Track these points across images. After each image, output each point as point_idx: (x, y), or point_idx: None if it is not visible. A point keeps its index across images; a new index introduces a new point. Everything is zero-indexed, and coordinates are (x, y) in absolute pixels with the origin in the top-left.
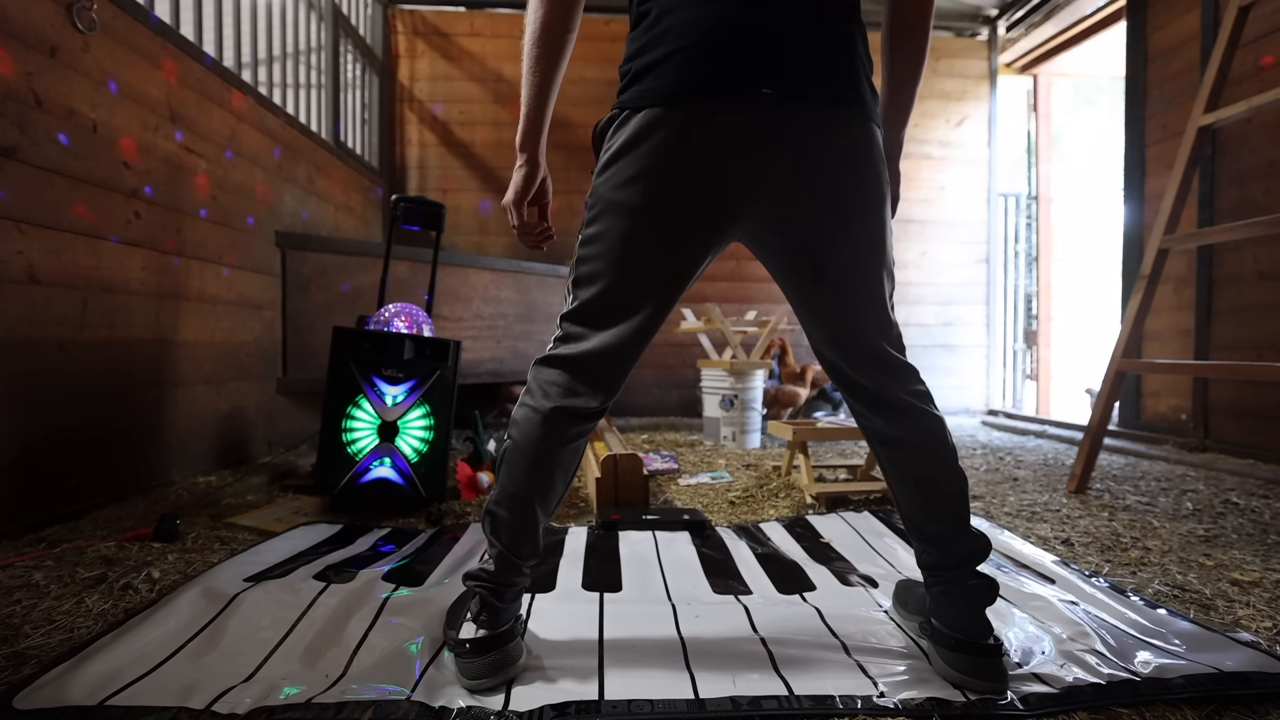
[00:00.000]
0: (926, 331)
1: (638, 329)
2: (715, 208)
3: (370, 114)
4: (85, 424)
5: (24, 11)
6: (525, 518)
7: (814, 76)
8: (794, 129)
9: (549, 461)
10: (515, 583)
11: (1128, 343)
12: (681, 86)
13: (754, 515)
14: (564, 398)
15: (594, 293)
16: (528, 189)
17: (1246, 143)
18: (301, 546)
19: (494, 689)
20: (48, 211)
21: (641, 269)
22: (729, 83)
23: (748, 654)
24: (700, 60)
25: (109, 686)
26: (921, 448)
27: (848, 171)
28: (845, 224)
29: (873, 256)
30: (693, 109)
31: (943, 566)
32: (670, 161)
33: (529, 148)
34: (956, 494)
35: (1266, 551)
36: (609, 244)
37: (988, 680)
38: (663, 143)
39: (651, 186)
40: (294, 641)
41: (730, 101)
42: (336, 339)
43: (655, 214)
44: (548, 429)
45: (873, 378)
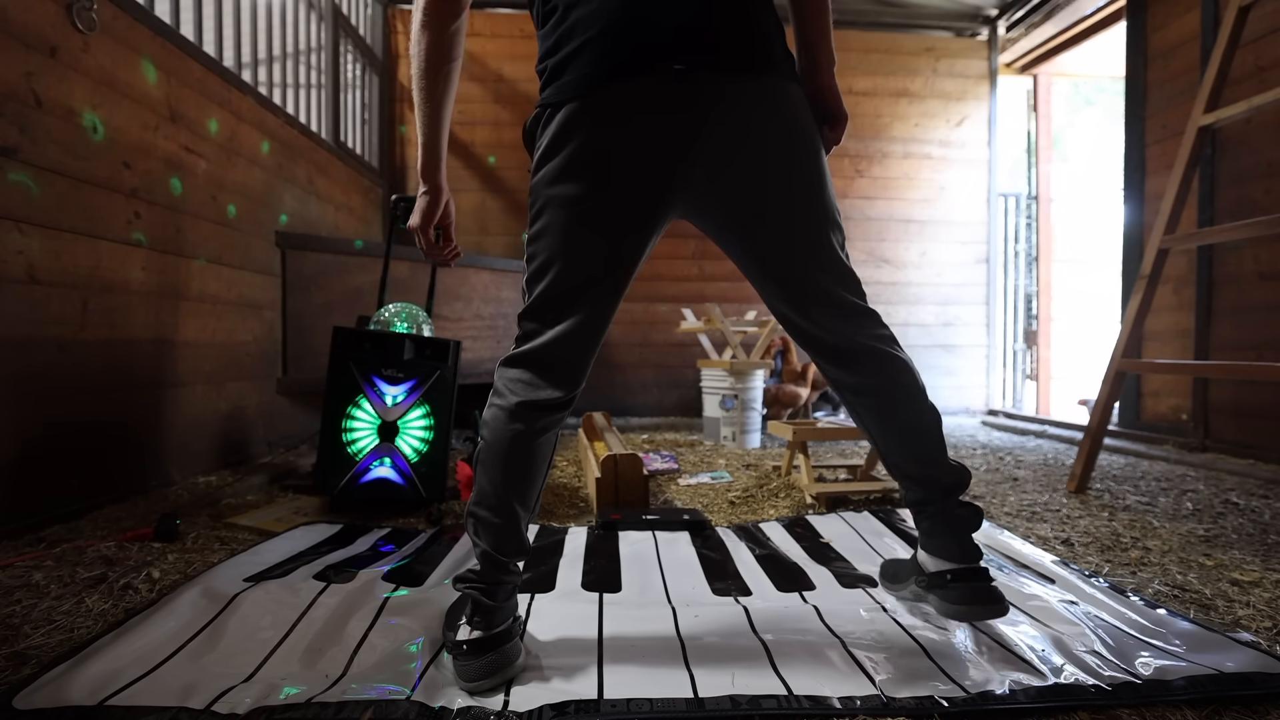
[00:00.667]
0: (926, 331)
1: (591, 318)
2: (648, 189)
3: (370, 114)
4: (85, 424)
5: (24, 11)
6: (505, 515)
7: (722, 47)
8: (711, 99)
9: (521, 456)
10: (505, 581)
11: (1128, 343)
12: (595, 77)
13: (754, 515)
14: (528, 392)
15: (544, 287)
16: (432, 214)
17: (1246, 143)
18: (301, 546)
19: (493, 690)
20: (48, 211)
21: (585, 259)
22: (640, 65)
23: (747, 654)
24: (610, 48)
25: (109, 686)
26: (891, 391)
27: (771, 131)
28: (778, 180)
29: (812, 206)
30: (609, 97)
31: (927, 500)
32: (596, 151)
33: (430, 176)
34: (931, 430)
35: (1266, 551)
36: (551, 239)
37: (985, 604)
38: (586, 135)
39: (582, 178)
40: (294, 641)
41: (644, 83)
42: (336, 339)
43: (591, 204)
44: (516, 424)
45: (830, 326)
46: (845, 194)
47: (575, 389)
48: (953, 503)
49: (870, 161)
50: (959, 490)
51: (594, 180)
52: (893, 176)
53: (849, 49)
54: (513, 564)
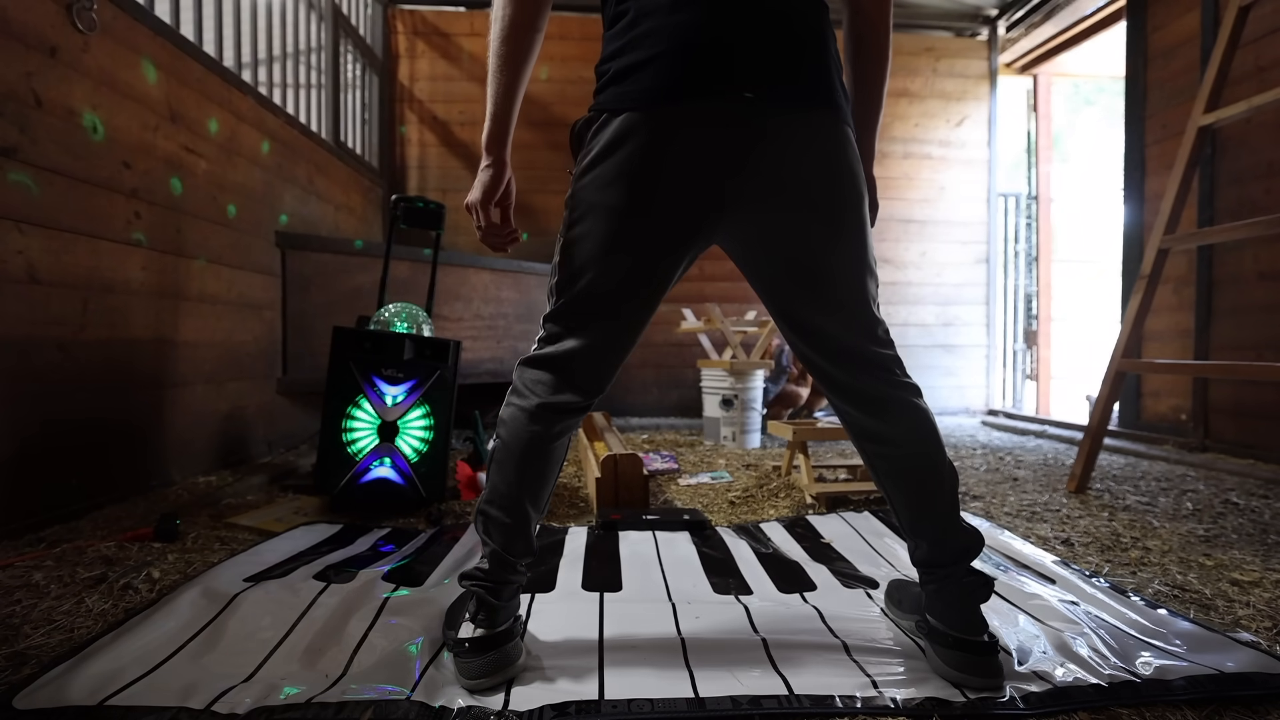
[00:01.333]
0: (926, 331)
1: (619, 330)
2: (696, 212)
3: (370, 114)
4: (85, 424)
5: (24, 11)
6: (517, 515)
7: (791, 80)
8: (774, 132)
9: (538, 458)
10: (511, 581)
11: (1128, 343)
12: (661, 91)
13: (754, 515)
14: (549, 395)
15: (574, 294)
16: (494, 190)
17: (1246, 143)
18: (301, 546)
19: (493, 689)
20: (48, 211)
21: (622, 272)
22: (709, 87)
23: (748, 653)
24: (680, 64)
25: (109, 686)
26: (909, 442)
27: (827, 174)
28: (826, 225)
29: (855, 258)
30: (673, 113)
31: (936, 563)
32: (651, 165)
33: (495, 149)
34: (946, 488)
35: (1266, 551)
36: (590, 246)
37: (984, 677)
38: (643, 147)
39: (632, 190)
40: (294, 641)
41: (711, 106)
42: (336, 339)
43: (636, 218)
44: (535, 426)
45: (856, 373)
46: None
47: (596, 395)
48: (962, 569)
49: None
50: (970, 557)
51: (642, 195)
52: (893, 176)
53: None
54: (520, 564)
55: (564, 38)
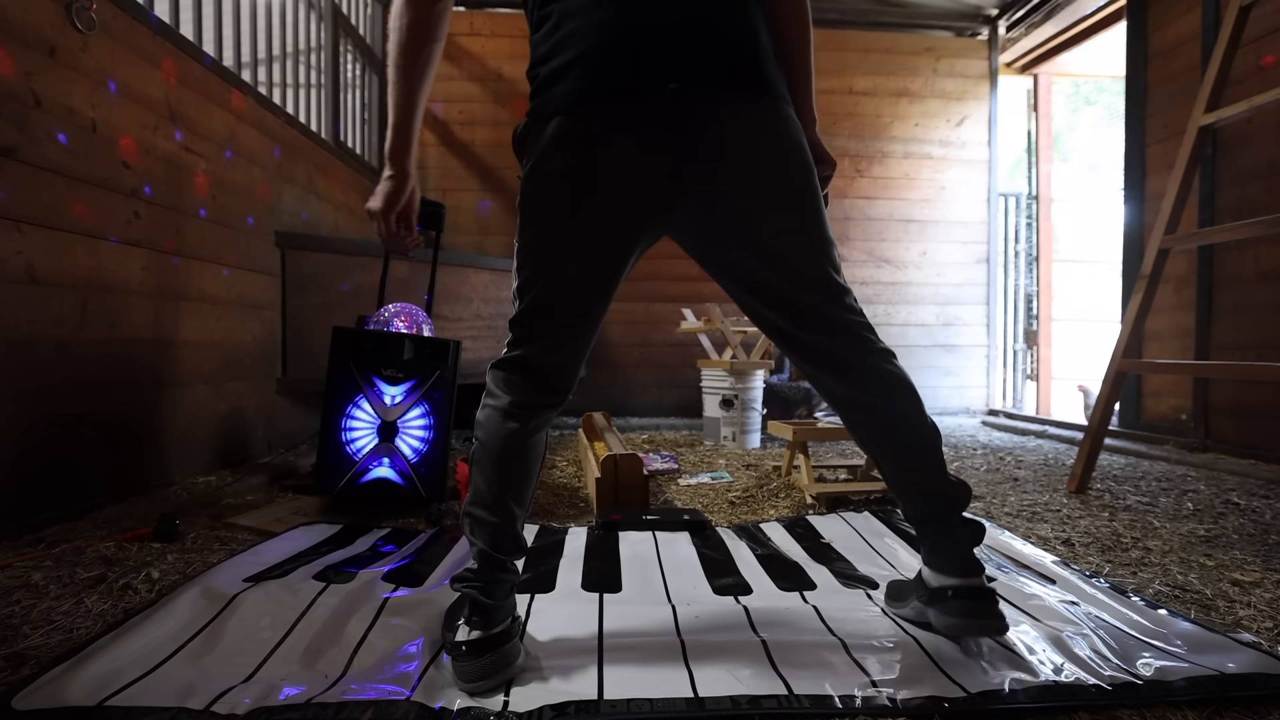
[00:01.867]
0: (926, 331)
1: (576, 329)
2: (636, 209)
3: (370, 114)
4: (85, 424)
5: (24, 11)
6: (501, 514)
7: (716, 65)
8: (704, 118)
9: (515, 455)
10: (502, 580)
11: (1128, 343)
12: (588, 92)
13: (754, 515)
14: (520, 393)
15: (531, 299)
16: (395, 200)
17: (1247, 142)
18: (301, 547)
19: (492, 690)
20: (47, 211)
21: (572, 273)
22: (634, 83)
23: (747, 653)
24: (604, 63)
25: (108, 687)
26: (889, 408)
27: (765, 152)
28: (775, 206)
29: (812, 232)
30: (601, 112)
31: (929, 518)
32: (586, 167)
33: (397, 160)
34: (930, 446)
35: (1267, 552)
36: (537, 252)
37: (986, 620)
38: (576, 150)
39: (572, 193)
40: (294, 642)
41: (638, 103)
42: (336, 339)
43: (578, 220)
44: (510, 423)
45: (829, 344)
46: (845, 194)
47: (565, 392)
48: (954, 520)
49: (870, 161)
50: (960, 507)
51: (580, 196)
52: (893, 176)
53: (849, 49)
54: (510, 562)
55: None
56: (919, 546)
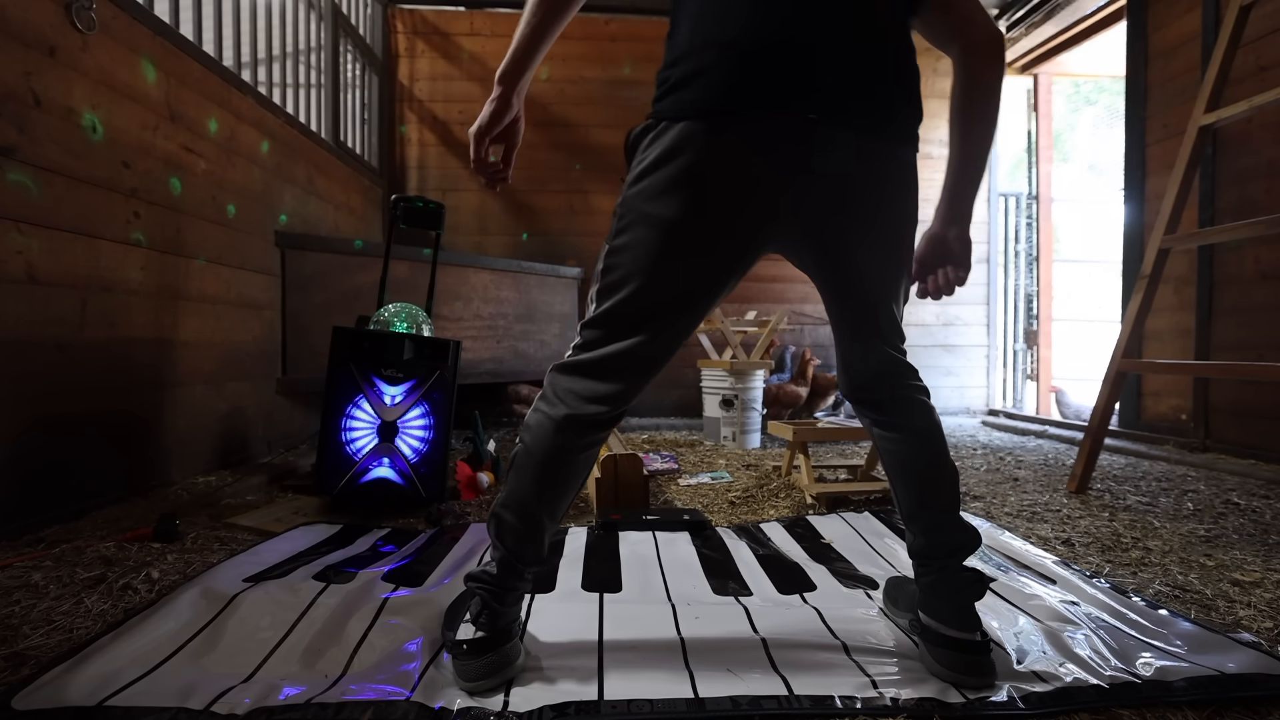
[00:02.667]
0: (927, 331)
1: (659, 342)
2: (747, 227)
3: (370, 114)
4: (85, 424)
5: (23, 11)
6: (531, 524)
7: (855, 103)
8: (832, 154)
9: (560, 468)
10: (517, 587)
11: (1128, 343)
12: (722, 103)
13: (754, 515)
14: (579, 405)
15: (617, 302)
16: (494, 124)
17: (1247, 142)
18: (301, 547)
19: (492, 690)
20: (47, 211)
21: (668, 283)
22: (772, 103)
23: (748, 654)
24: (743, 77)
25: (108, 687)
26: (917, 439)
27: (883, 200)
28: (876, 249)
29: (898, 278)
30: (732, 126)
31: (933, 555)
32: (705, 177)
33: (506, 81)
34: (947, 482)
35: (1268, 552)
36: (637, 255)
37: (976, 676)
38: (699, 158)
39: (685, 201)
40: (293, 642)
41: (771, 123)
42: (336, 339)
43: (686, 229)
44: (561, 437)
45: (882, 376)
46: None
47: (625, 406)
48: (956, 564)
49: None
50: (965, 553)
51: (694, 207)
52: None
53: None
54: (529, 571)
55: (565, 37)
56: (918, 581)
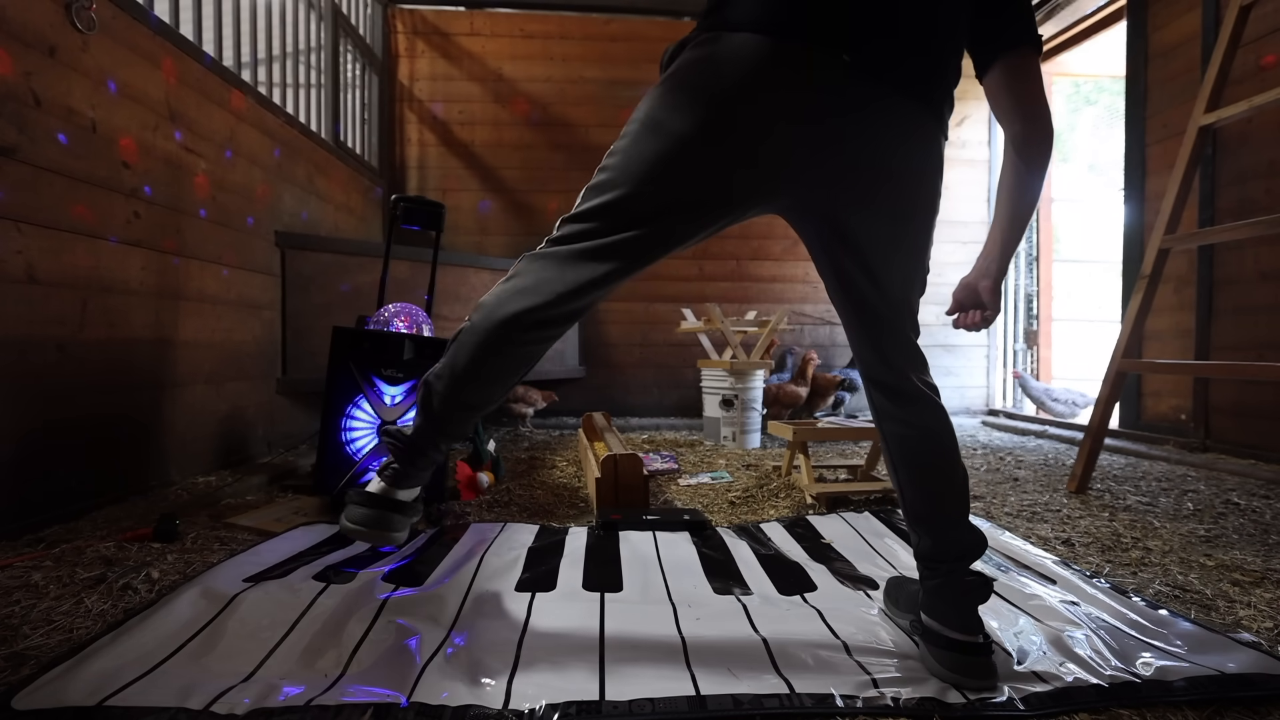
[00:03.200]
0: (927, 331)
1: (628, 251)
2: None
3: (370, 114)
4: (84, 424)
5: (23, 11)
6: (457, 401)
7: (897, 60)
8: (862, 108)
9: (498, 355)
10: (427, 454)
11: (1128, 343)
12: (757, 24)
13: (754, 515)
14: (527, 303)
15: (601, 201)
16: None
17: (1247, 142)
18: (301, 547)
19: (364, 539)
20: (47, 211)
21: (656, 188)
22: (810, 34)
23: (748, 653)
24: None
25: (108, 687)
26: (931, 436)
27: (908, 170)
28: (896, 225)
29: (918, 262)
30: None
31: (939, 558)
32: (730, 103)
33: None
34: (958, 485)
35: (1268, 552)
36: (632, 156)
37: (978, 678)
38: (728, 83)
39: (702, 122)
40: (293, 642)
41: (805, 56)
42: (336, 339)
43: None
44: (506, 328)
45: (899, 369)
46: None
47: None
48: (963, 568)
49: None
50: (972, 557)
51: (713, 131)
52: None
53: None
54: (442, 445)
55: (564, 37)
56: (923, 583)
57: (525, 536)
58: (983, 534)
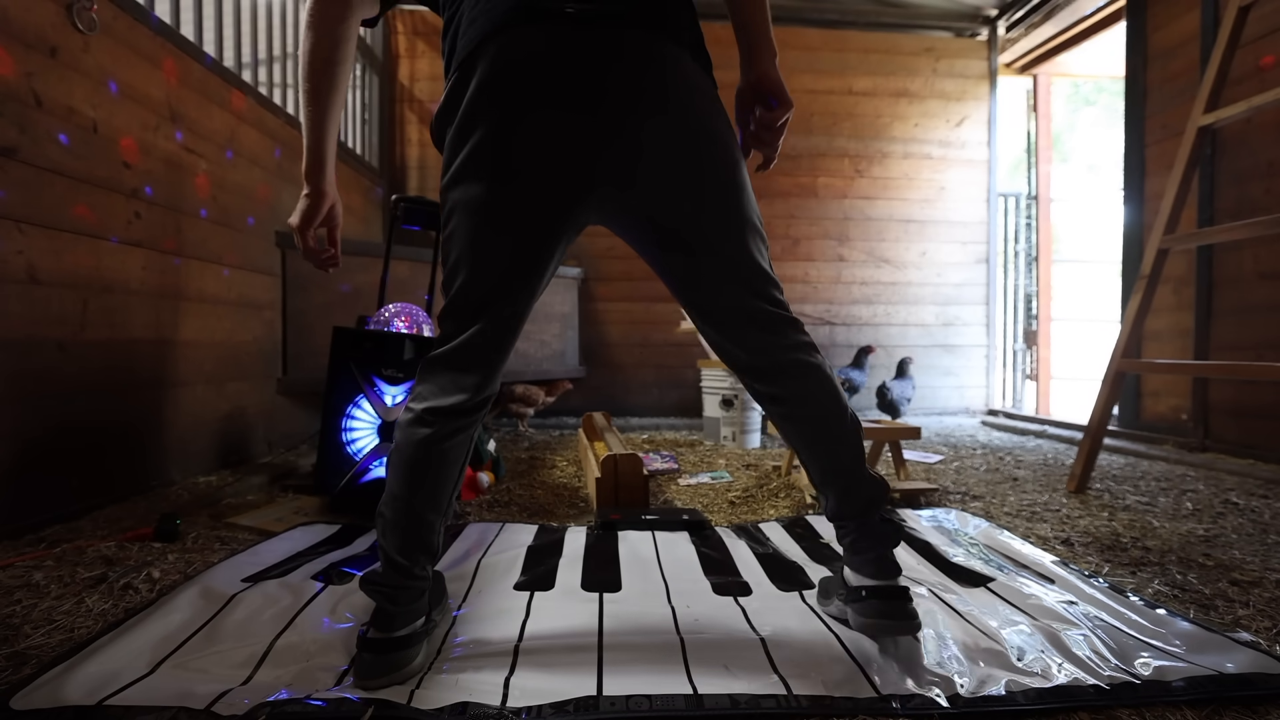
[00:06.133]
0: (926, 331)
1: (498, 324)
2: (558, 187)
3: (370, 114)
4: (86, 424)
5: (24, 12)
6: (411, 519)
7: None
8: (608, 57)
9: (428, 461)
10: (408, 586)
11: (1128, 343)
12: (489, 28)
13: (754, 515)
14: (438, 397)
15: (454, 294)
16: (312, 217)
17: (1246, 143)
18: (300, 546)
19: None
20: (48, 211)
21: (493, 264)
22: (528, 11)
23: (747, 653)
24: (499, 4)
25: (108, 686)
26: (806, 402)
27: (676, 114)
28: (686, 170)
29: (729, 210)
30: (499, 46)
31: (847, 515)
32: (497, 142)
33: (312, 179)
34: (848, 440)
35: (1266, 551)
36: (459, 244)
37: (898, 620)
38: (488, 124)
39: (485, 176)
40: (293, 641)
41: (534, 30)
42: (336, 339)
43: (496, 206)
44: (424, 429)
45: (747, 341)
46: (845, 194)
47: (486, 391)
48: (873, 518)
49: (870, 161)
50: (877, 504)
51: (497, 178)
52: (893, 176)
53: (848, 49)
54: (418, 569)
55: None
56: (840, 543)
57: (524, 536)
58: (884, 481)
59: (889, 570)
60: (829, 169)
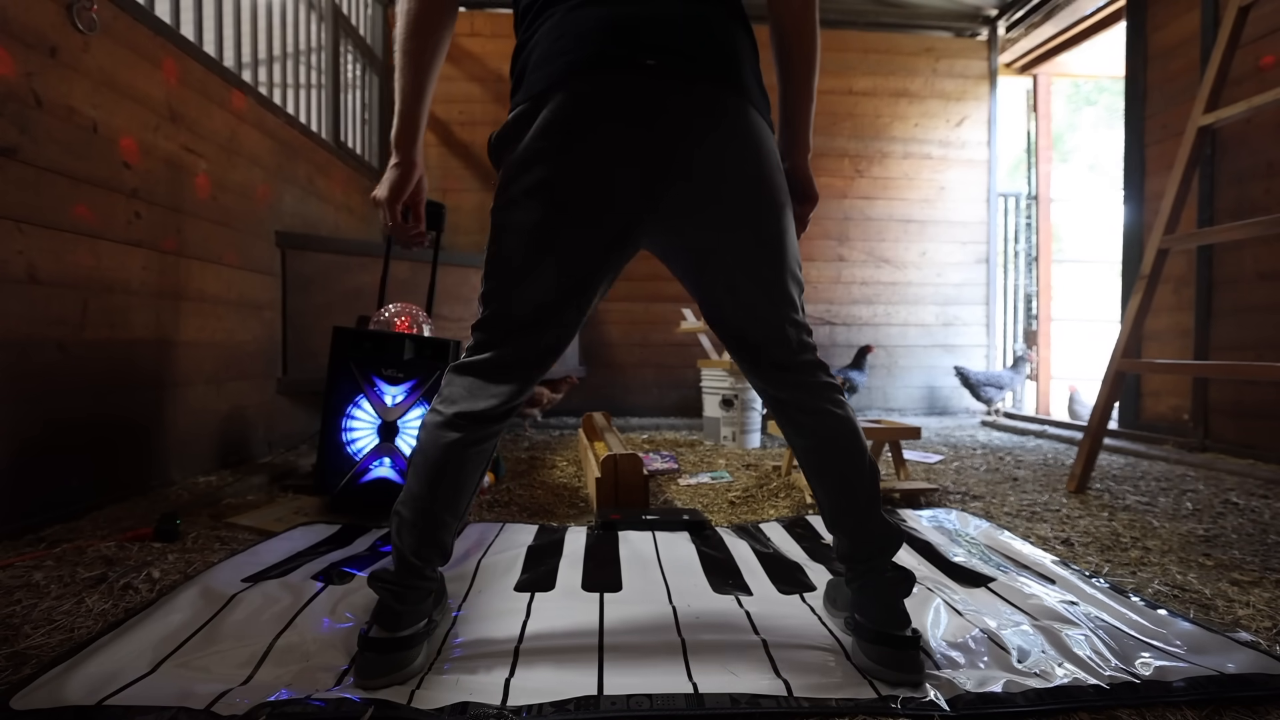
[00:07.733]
0: (926, 331)
1: (537, 344)
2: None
3: (370, 114)
4: (85, 424)
5: (24, 12)
6: (428, 520)
7: (698, 54)
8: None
9: (451, 464)
10: (418, 586)
11: (1128, 343)
12: (566, 68)
13: (754, 515)
14: (468, 403)
15: (493, 309)
16: (401, 189)
17: (1246, 143)
18: (300, 546)
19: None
20: (48, 211)
21: (535, 286)
22: (608, 58)
23: (747, 653)
24: (578, 45)
25: (107, 686)
26: (829, 444)
27: (738, 161)
28: (739, 218)
29: (776, 253)
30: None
31: (857, 558)
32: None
33: (404, 147)
34: (865, 486)
35: (1266, 551)
36: (504, 259)
37: (902, 672)
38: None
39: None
40: (293, 641)
41: (612, 78)
42: (336, 339)
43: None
44: (452, 433)
45: (780, 383)
46: (845, 194)
47: (521, 397)
48: (883, 564)
49: (870, 161)
50: (889, 552)
51: (559, 180)
52: (893, 176)
53: (849, 49)
54: (429, 570)
55: None
56: (849, 586)
57: (524, 536)
58: (898, 528)
59: (897, 622)
60: (829, 169)
